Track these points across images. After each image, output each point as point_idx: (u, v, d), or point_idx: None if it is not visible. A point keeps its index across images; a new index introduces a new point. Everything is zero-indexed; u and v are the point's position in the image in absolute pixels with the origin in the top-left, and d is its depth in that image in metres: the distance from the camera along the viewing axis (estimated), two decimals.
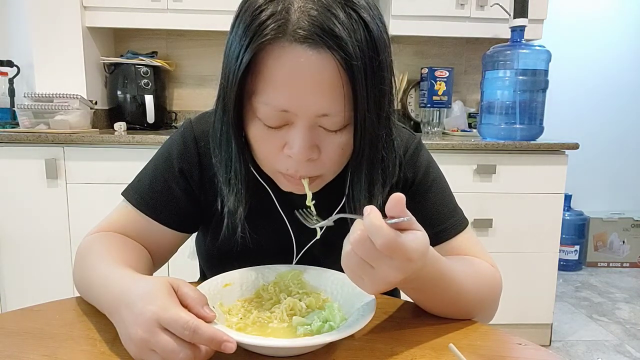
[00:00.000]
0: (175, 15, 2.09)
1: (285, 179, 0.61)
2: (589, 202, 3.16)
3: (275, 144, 0.57)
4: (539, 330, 2.08)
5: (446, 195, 0.75)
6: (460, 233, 0.72)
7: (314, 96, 0.52)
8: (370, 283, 0.48)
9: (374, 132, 0.57)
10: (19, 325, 0.57)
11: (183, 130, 0.74)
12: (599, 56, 3.10)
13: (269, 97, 0.53)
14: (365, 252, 0.46)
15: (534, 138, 1.97)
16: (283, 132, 0.56)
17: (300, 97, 0.52)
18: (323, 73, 0.51)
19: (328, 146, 0.57)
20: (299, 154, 0.55)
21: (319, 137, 0.56)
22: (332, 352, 0.52)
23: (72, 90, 1.98)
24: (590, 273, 3.01)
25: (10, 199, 1.83)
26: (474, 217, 1.93)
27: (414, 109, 2.50)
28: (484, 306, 0.65)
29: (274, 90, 0.53)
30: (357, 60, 0.51)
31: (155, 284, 0.49)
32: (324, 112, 0.53)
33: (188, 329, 0.44)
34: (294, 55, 0.51)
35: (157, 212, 0.71)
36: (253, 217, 0.70)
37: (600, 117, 3.15)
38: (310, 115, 0.54)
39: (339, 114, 0.54)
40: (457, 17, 2.14)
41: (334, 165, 0.60)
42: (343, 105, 0.53)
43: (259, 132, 0.57)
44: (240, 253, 0.72)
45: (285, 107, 0.53)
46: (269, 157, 0.59)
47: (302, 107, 0.53)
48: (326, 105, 0.53)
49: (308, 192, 0.60)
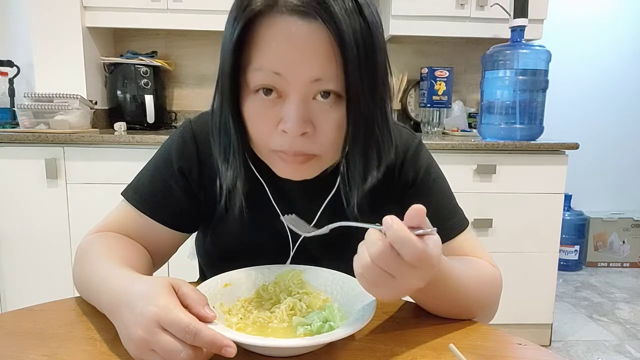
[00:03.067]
0: (175, 15, 2.09)
1: (281, 160, 0.60)
2: (589, 202, 3.16)
3: (270, 120, 0.57)
4: (539, 330, 2.08)
5: (447, 195, 0.75)
6: (461, 233, 0.72)
7: (306, 60, 0.53)
8: (390, 292, 0.47)
9: (368, 109, 0.57)
10: (19, 325, 0.57)
11: (182, 129, 0.74)
12: (599, 56, 3.10)
13: (261, 62, 0.54)
14: (389, 264, 0.45)
15: (534, 138, 1.97)
16: (277, 108, 0.56)
17: (292, 60, 0.53)
18: (315, 40, 0.53)
19: (323, 123, 0.57)
20: (293, 127, 0.55)
21: (314, 113, 0.56)
22: (332, 352, 0.52)
23: (72, 90, 1.98)
24: (590, 273, 3.01)
25: (10, 199, 1.83)
26: (474, 217, 1.93)
27: (414, 109, 2.50)
28: (485, 306, 0.65)
29: (266, 54, 0.54)
30: (348, 30, 0.52)
31: (156, 284, 0.49)
32: (317, 77, 0.54)
33: (189, 332, 0.44)
34: (286, 25, 0.53)
35: (156, 212, 0.71)
36: (250, 214, 0.70)
37: (600, 117, 3.15)
38: (303, 81, 0.54)
39: (331, 80, 0.54)
40: (457, 17, 2.14)
41: (330, 144, 0.59)
42: (335, 72, 0.54)
43: (254, 108, 0.58)
44: (240, 252, 0.72)
45: (278, 70, 0.54)
46: (264, 134, 0.59)
47: (295, 70, 0.54)
48: (318, 69, 0.53)
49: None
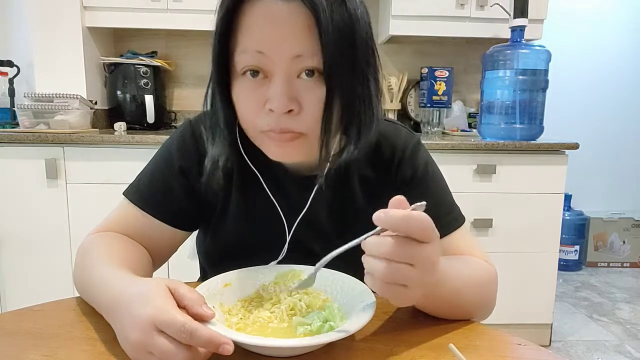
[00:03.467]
0: (175, 15, 2.09)
1: (271, 140, 0.61)
2: (589, 202, 3.16)
3: (257, 101, 0.60)
4: (539, 330, 2.08)
5: (444, 192, 0.75)
6: (457, 229, 0.72)
7: (287, 38, 0.56)
8: (416, 286, 0.47)
9: (346, 83, 0.59)
10: (19, 325, 0.57)
11: (182, 129, 0.75)
12: (598, 56, 3.10)
13: (246, 44, 0.58)
14: (403, 253, 0.45)
15: (533, 138, 1.97)
16: (264, 89, 0.59)
17: (274, 39, 0.57)
18: (294, 18, 0.56)
19: (308, 101, 0.59)
20: (278, 105, 0.57)
21: (299, 91, 0.58)
22: (332, 352, 0.52)
23: (72, 90, 1.98)
24: (590, 273, 3.01)
25: (10, 199, 1.84)
26: (474, 217, 1.93)
27: (414, 109, 2.50)
28: (482, 306, 0.66)
29: (249, 36, 0.58)
30: (325, 7, 0.55)
31: (152, 286, 0.49)
32: (297, 53, 0.57)
33: (185, 332, 0.44)
34: (267, 7, 0.56)
35: (157, 210, 0.72)
36: (247, 208, 0.73)
37: (600, 117, 3.15)
38: (285, 58, 0.57)
39: (312, 56, 0.57)
40: (457, 17, 2.14)
41: (315, 122, 0.60)
42: (315, 48, 0.56)
43: (242, 90, 0.61)
44: (240, 248, 0.73)
45: (261, 49, 0.57)
46: (252, 115, 0.61)
47: (276, 48, 0.57)
48: (298, 45, 0.56)
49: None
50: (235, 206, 0.74)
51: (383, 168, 0.74)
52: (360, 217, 0.74)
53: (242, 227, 0.74)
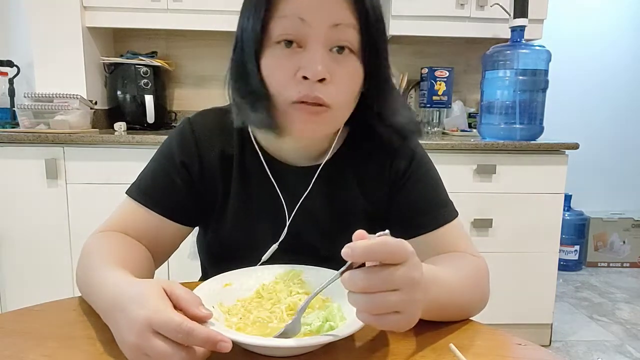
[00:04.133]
0: (175, 15, 2.09)
1: (299, 112, 0.62)
2: (589, 202, 3.16)
3: (290, 69, 0.61)
4: (539, 330, 2.08)
5: (438, 187, 0.76)
6: (449, 222, 0.73)
7: (327, 5, 0.59)
8: (408, 306, 0.46)
9: (378, 54, 0.63)
10: (19, 325, 0.57)
11: (181, 127, 0.76)
12: (599, 56, 3.10)
13: (286, 9, 0.60)
14: (383, 282, 0.44)
15: (534, 138, 1.97)
16: (297, 57, 0.61)
17: (315, 5, 0.59)
18: None
19: (338, 74, 0.61)
20: (314, 72, 0.59)
21: (330, 64, 0.61)
22: (332, 352, 0.52)
23: (72, 90, 1.98)
24: (590, 273, 3.01)
25: (10, 199, 1.83)
26: (474, 217, 1.93)
27: (414, 109, 2.50)
28: (477, 302, 0.66)
29: (290, 2, 0.60)
30: None
31: (147, 288, 0.48)
32: (337, 21, 0.60)
33: (181, 331, 0.43)
34: None
35: (158, 204, 0.72)
36: (247, 199, 0.74)
37: (600, 117, 3.15)
38: (325, 26, 0.59)
39: (350, 26, 0.60)
40: (457, 17, 2.14)
41: (344, 95, 0.63)
42: (351, 18, 0.60)
43: (275, 59, 0.62)
44: (241, 241, 0.74)
45: (302, 15, 0.59)
46: (284, 84, 0.62)
47: (317, 14, 0.59)
48: (338, 13, 0.60)
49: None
50: (235, 198, 0.75)
51: (379, 162, 0.75)
52: (357, 209, 0.74)
53: (243, 219, 0.75)
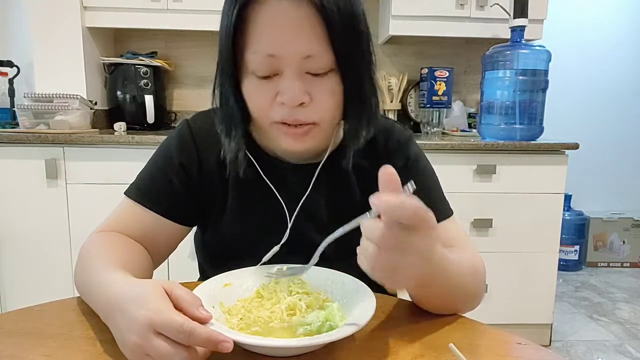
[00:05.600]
0: (175, 15, 2.09)
1: (284, 130, 0.63)
2: (589, 202, 3.16)
3: (268, 95, 0.62)
4: (539, 330, 2.08)
5: (435, 185, 0.77)
6: (446, 219, 0.73)
7: (296, 39, 0.58)
8: (408, 271, 0.47)
9: (358, 75, 0.63)
10: (19, 325, 0.57)
11: (180, 128, 0.76)
12: (599, 56, 3.10)
13: (256, 46, 0.59)
14: (394, 240, 0.45)
15: (533, 138, 1.97)
16: (274, 82, 0.61)
17: (283, 41, 0.58)
18: (302, 18, 0.57)
19: (318, 92, 0.61)
20: (290, 99, 0.59)
21: (308, 84, 0.61)
22: (332, 352, 0.52)
23: (72, 90, 1.98)
24: (590, 273, 3.01)
25: (10, 199, 1.83)
26: (474, 217, 1.93)
27: (414, 109, 2.50)
28: (474, 296, 0.66)
29: (259, 38, 0.59)
30: (330, 3, 0.57)
31: (147, 288, 0.48)
32: (308, 54, 0.58)
33: (183, 332, 0.43)
34: (275, 6, 0.58)
35: (156, 204, 0.72)
36: (246, 201, 0.74)
37: (600, 117, 3.15)
38: (295, 59, 0.59)
39: (322, 55, 0.59)
40: (457, 17, 2.14)
41: (327, 111, 0.63)
42: (324, 47, 0.58)
43: (253, 85, 0.62)
44: (240, 240, 0.74)
45: (271, 52, 0.59)
46: (264, 108, 0.63)
47: (287, 50, 0.58)
48: (308, 46, 0.58)
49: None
50: (234, 199, 0.75)
51: (376, 159, 0.75)
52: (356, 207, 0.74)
53: (242, 220, 0.75)
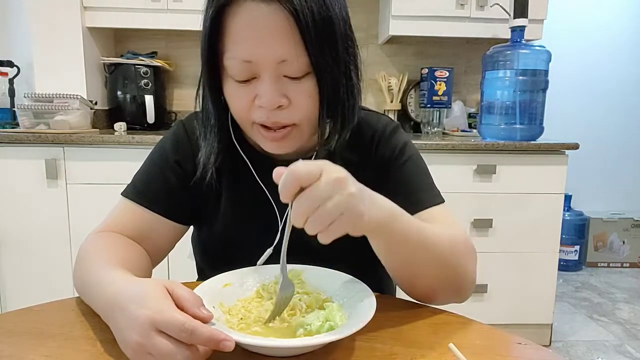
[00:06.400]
0: (175, 15, 2.09)
1: (264, 133, 0.65)
2: (589, 202, 3.16)
3: (247, 98, 0.63)
4: (539, 330, 2.08)
5: (421, 172, 0.76)
6: (436, 205, 0.72)
7: (271, 44, 0.59)
8: (349, 204, 0.47)
9: (333, 78, 0.63)
10: (19, 325, 0.57)
11: (175, 128, 0.78)
12: (599, 56, 3.09)
13: (233, 52, 0.61)
14: (312, 197, 0.45)
15: (534, 138, 1.97)
16: (252, 86, 0.62)
17: (258, 46, 0.59)
18: (276, 22, 0.58)
19: (295, 95, 0.62)
20: (267, 102, 0.61)
21: (286, 87, 0.62)
22: (332, 352, 0.52)
23: (72, 90, 1.98)
24: (590, 273, 3.01)
25: (10, 199, 1.83)
26: (474, 217, 1.93)
27: (414, 109, 2.50)
28: (460, 270, 0.64)
29: (235, 44, 0.60)
30: (303, 8, 0.57)
31: (149, 287, 0.48)
32: (282, 58, 0.59)
33: (185, 330, 0.43)
34: (249, 10, 0.58)
35: (153, 203, 0.73)
36: (239, 200, 0.75)
37: (600, 117, 3.15)
38: (271, 63, 0.60)
39: (296, 59, 0.59)
40: (457, 17, 2.14)
41: (305, 112, 0.64)
42: (299, 51, 0.59)
43: (232, 89, 0.64)
44: (235, 240, 0.75)
45: (247, 58, 0.60)
46: (243, 110, 0.64)
47: (262, 55, 0.59)
48: (282, 51, 0.59)
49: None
50: (227, 198, 0.75)
51: (364, 150, 0.76)
52: None
53: (236, 218, 0.75)
